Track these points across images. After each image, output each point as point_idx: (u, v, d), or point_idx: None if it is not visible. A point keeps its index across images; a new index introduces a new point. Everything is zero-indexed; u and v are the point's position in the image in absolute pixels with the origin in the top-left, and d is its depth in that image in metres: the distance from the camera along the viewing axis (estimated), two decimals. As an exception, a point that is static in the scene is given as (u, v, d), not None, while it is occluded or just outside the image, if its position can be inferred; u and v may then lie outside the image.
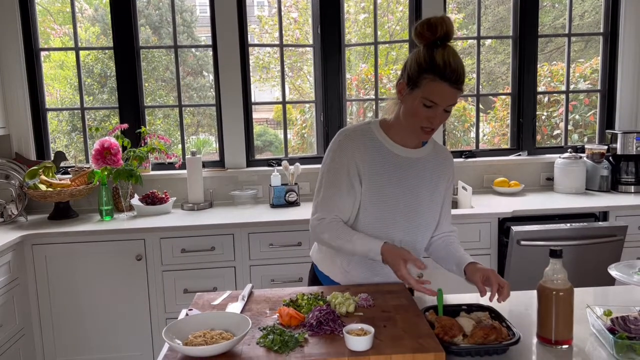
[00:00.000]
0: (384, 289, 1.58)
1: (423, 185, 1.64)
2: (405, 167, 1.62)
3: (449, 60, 1.45)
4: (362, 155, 1.59)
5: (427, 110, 1.50)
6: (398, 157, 1.62)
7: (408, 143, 1.63)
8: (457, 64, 1.46)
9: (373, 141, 1.62)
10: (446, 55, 1.46)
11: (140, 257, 2.73)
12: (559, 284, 1.27)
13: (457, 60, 1.47)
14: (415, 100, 1.50)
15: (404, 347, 1.18)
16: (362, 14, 5.32)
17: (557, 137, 4.78)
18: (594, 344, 1.30)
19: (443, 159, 1.70)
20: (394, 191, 1.60)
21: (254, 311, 1.44)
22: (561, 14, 5.50)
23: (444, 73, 1.45)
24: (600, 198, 3.10)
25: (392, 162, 1.61)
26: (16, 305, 2.58)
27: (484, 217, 2.83)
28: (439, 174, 1.68)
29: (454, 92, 1.48)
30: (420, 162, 1.64)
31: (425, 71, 1.47)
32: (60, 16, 5.87)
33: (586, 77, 4.63)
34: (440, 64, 1.45)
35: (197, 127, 6.38)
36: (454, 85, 1.46)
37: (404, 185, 1.61)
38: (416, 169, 1.63)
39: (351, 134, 1.62)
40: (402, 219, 1.62)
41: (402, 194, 1.61)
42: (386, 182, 1.60)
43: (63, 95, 5.88)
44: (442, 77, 1.45)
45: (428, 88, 1.48)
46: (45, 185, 2.98)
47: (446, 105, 1.49)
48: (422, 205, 1.64)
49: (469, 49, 5.34)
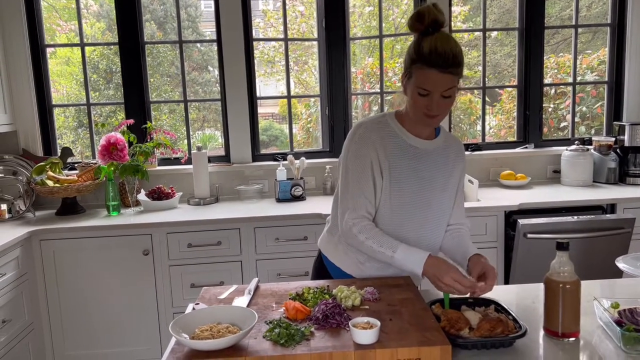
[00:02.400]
0: (390, 282, 1.58)
1: (438, 176, 1.63)
2: (422, 158, 1.61)
3: (435, 46, 1.44)
4: (382, 147, 1.57)
5: (424, 99, 1.49)
6: (416, 149, 1.61)
7: (422, 134, 1.62)
8: (445, 48, 1.44)
9: (391, 133, 1.60)
10: (433, 42, 1.45)
11: (147, 252, 2.74)
12: (566, 276, 1.27)
13: (446, 45, 1.45)
14: (412, 91, 1.51)
15: (410, 340, 1.18)
16: (367, 7, 5.29)
17: (564, 129, 4.75)
18: (601, 336, 1.30)
19: (456, 150, 1.69)
20: (412, 184, 1.59)
21: (260, 305, 1.44)
22: (568, 4, 5.45)
23: (430, 59, 1.44)
24: (607, 190, 3.08)
25: (410, 154, 1.60)
26: (25, 301, 2.61)
27: (490, 210, 2.82)
28: (453, 165, 1.67)
29: (445, 77, 1.45)
30: (435, 153, 1.63)
31: (415, 61, 1.48)
32: (66, 12, 5.88)
33: (593, 69, 4.59)
34: (426, 51, 1.45)
35: (203, 122, 6.39)
36: (443, 70, 1.44)
37: (421, 177, 1.60)
38: (431, 160, 1.62)
39: (370, 126, 1.60)
40: (418, 212, 1.61)
41: (419, 187, 1.60)
42: (405, 175, 1.59)
43: (69, 92, 5.89)
44: (429, 63, 1.45)
45: (419, 77, 1.48)
46: (53, 181, 3.00)
47: (440, 91, 1.47)
48: (436, 197, 1.63)
49: (475, 41, 5.31)
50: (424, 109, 1.51)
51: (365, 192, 1.57)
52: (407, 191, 1.59)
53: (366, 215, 1.58)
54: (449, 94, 1.49)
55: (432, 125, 1.60)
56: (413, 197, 1.60)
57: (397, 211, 1.60)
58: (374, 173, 1.57)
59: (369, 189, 1.57)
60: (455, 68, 1.46)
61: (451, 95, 1.50)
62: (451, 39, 1.47)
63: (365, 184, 1.57)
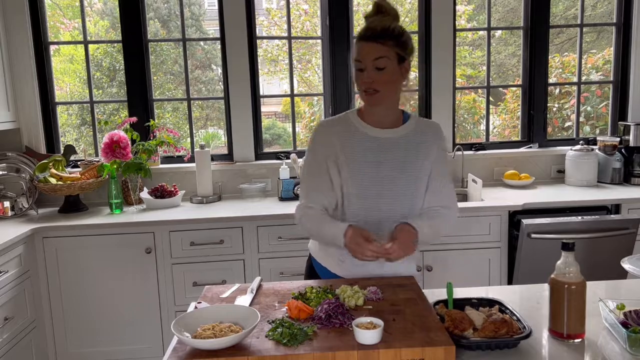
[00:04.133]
0: (393, 282, 1.57)
1: (408, 163, 1.63)
2: (386, 148, 1.62)
3: (367, 23, 1.57)
4: (340, 143, 1.63)
5: (361, 74, 1.57)
6: (377, 139, 1.63)
7: (384, 123, 1.65)
8: (375, 22, 1.55)
9: (350, 128, 1.65)
10: (368, 22, 1.57)
11: (150, 250, 2.74)
12: (571, 277, 1.26)
13: (378, 21, 1.55)
14: (354, 70, 1.61)
15: (414, 340, 1.17)
16: (371, 5, 5.28)
17: (569, 129, 4.74)
18: (606, 337, 1.29)
19: (432, 134, 1.68)
20: (374, 174, 1.61)
21: (263, 304, 1.43)
22: (573, 4, 5.43)
23: (360, 34, 1.57)
24: (612, 191, 3.06)
25: (371, 145, 1.62)
26: (27, 298, 2.61)
27: (494, 210, 2.81)
28: (427, 150, 1.66)
29: (372, 46, 1.54)
30: (403, 140, 1.64)
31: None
32: (70, 10, 5.88)
33: (598, 69, 4.57)
34: (361, 30, 1.58)
35: (206, 121, 6.39)
36: (370, 40, 1.54)
37: (385, 166, 1.61)
38: (398, 148, 1.63)
39: (326, 123, 1.69)
40: (386, 202, 1.62)
41: (382, 176, 1.61)
42: (365, 166, 1.61)
43: (72, 89, 5.90)
44: (360, 37, 1.57)
45: (354, 51, 1.59)
46: (55, 179, 3.00)
47: (369, 60, 1.54)
48: (405, 184, 1.63)
49: (479, 40, 5.30)
50: (362, 85, 1.58)
51: (318, 186, 1.64)
52: (369, 182, 1.61)
53: (313, 207, 1.63)
54: (381, 65, 1.54)
55: (374, 102, 1.61)
56: (378, 186, 1.61)
57: (363, 201, 1.61)
58: (329, 168, 1.63)
59: (323, 184, 1.64)
60: (384, 39, 1.53)
61: (385, 66, 1.54)
62: (388, 19, 1.56)
63: (319, 179, 1.64)
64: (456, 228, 2.76)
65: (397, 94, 1.64)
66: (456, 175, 3.39)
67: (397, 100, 1.66)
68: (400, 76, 1.60)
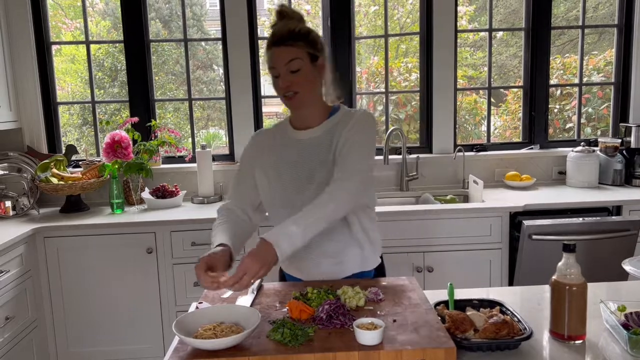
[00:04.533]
0: (394, 283, 1.57)
1: (322, 157, 1.60)
2: (308, 148, 1.62)
3: (272, 30, 1.56)
4: (268, 150, 1.67)
5: (277, 80, 1.56)
6: (301, 141, 1.63)
7: (310, 123, 1.64)
8: (280, 27, 1.54)
9: (280, 135, 1.69)
10: (275, 28, 1.56)
11: (151, 250, 2.74)
12: (573, 278, 1.26)
13: (283, 24, 1.55)
14: (270, 78, 1.60)
15: (415, 341, 1.17)
16: (373, 6, 5.28)
17: (570, 130, 4.74)
18: (607, 339, 1.29)
19: (344, 120, 1.61)
20: (295, 175, 1.61)
21: (264, 304, 1.44)
22: (574, 5, 5.43)
23: (269, 41, 1.56)
24: (613, 192, 3.06)
25: (295, 148, 1.63)
26: (29, 297, 2.61)
27: (495, 211, 2.81)
28: (339, 134, 1.59)
29: (282, 50, 1.53)
30: (323, 136, 1.62)
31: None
32: (71, 10, 5.89)
33: (600, 70, 4.57)
34: (269, 37, 1.57)
35: (207, 121, 6.39)
36: (279, 44, 1.53)
37: (306, 167, 1.60)
38: (318, 145, 1.61)
39: (258, 134, 1.76)
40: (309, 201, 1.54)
41: (304, 177, 1.60)
42: (288, 169, 1.62)
43: (74, 89, 5.91)
44: (269, 44, 1.56)
45: (266, 60, 1.58)
46: (57, 179, 3.00)
47: (282, 64, 1.53)
48: (325, 178, 1.57)
49: (480, 41, 5.30)
50: (281, 91, 1.57)
51: (240, 191, 1.70)
52: (291, 184, 1.61)
53: (232, 209, 1.68)
54: (295, 67, 1.53)
55: (296, 105, 1.59)
56: (297, 186, 1.60)
57: (286, 202, 1.62)
58: (254, 174, 1.68)
59: (244, 189, 1.70)
60: (293, 41, 1.53)
61: (299, 68, 1.53)
62: (292, 22, 1.55)
63: (242, 185, 1.70)
64: (457, 229, 2.78)
65: (317, 93, 1.62)
66: (457, 177, 3.39)
67: (320, 99, 1.64)
68: (317, 74, 1.58)
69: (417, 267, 2.80)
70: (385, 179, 3.40)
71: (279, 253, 1.36)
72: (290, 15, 1.58)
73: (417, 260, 2.79)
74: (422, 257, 2.79)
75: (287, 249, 1.37)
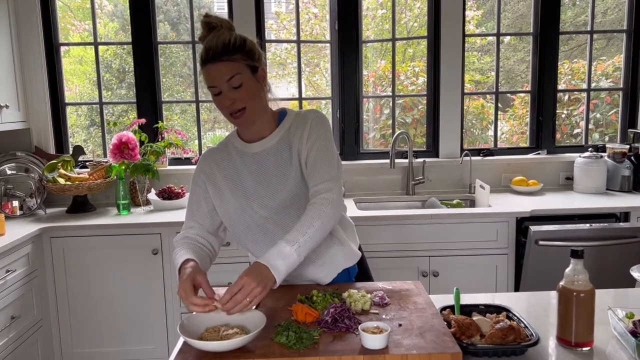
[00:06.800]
0: (400, 287, 1.56)
1: (285, 166, 1.55)
2: (264, 159, 1.56)
3: (204, 45, 1.44)
4: (218, 169, 1.60)
5: (219, 98, 1.47)
6: (256, 154, 1.57)
7: (261, 133, 1.57)
8: (212, 41, 1.43)
9: (230, 151, 1.62)
10: (204, 43, 1.45)
11: (157, 252, 2.74)
12: (580, 285, 1.25)
13: (213, 38, 1.43)
14: (212, 97, 1.50)
15: (420, 346, 1.17)
16: (380, 10, 5.29)
17: (577, 136, 4.71)
18: (615, 346, 1.27)
19: (297, 124, 1.57)
20: (258, 188, 1.56)
21: (269, 307, 1.43)
22: (583, 10, 5.41)
23: (203, 58, 1.44)
24: (621, 198, 3.04)
25: (250, 162, 1.57)
26: (34, 297, 2.62)
27: (501, 216, 2.79)
28: (299, 141, 1.54)
29: (219, 67, 1.43)
30: (276, 146, 1.56)
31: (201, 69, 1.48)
32: (80, 12, 5.92)
33: (608, 75, 4.54)
34: (202, 53, 1.44)
35: (214, 123, 6.40)
36: (216, 61, 1.43)
37: (265, 179, 1.56)
38: (275, 154, 1.56)
39: (207, 153, 1.65)
40: (277, 212, 1.55)
41: (266, 187, 1.55)
42: (248, 184, 1.57)
43: (82, 90, 5.94)
44: (204, 61, 1.45)
45: (204, 79, 1.47)
46: (64, 179, 3.01)
47: (223, 82, 1.44)
48: (290, 187, 1.54)
49: (488, 46, 5.29)
50: (226, 109, 1.48)
51: (194, 213, 1.61)
52: (256, 196, 1.56)
53: (191, 236, 1.58)
54: (237, 83, 1.44)
55: (245, 123, 1.52)
56: (265, 199, 1.55)
57: (248, 219, 1.57)
58: (207, 194, 1.60)
59: (203, 214, 1.60)
60: (229, 55, 1.43)
61: (241, 82, 1.45)
62: (223, 33, 1.44)
63: (196, 206, 1.61)
64: (463, 234, 2.77)
65: (263, 103, 1.55)
66: (464, 181, 3.38)
67: (266, 108, 1.58)
68: (260, 86, 1.51)
69: (423, 271, 2.79)
70: (392, 182, 3.39)
71: (275, 274, 1.31)
72: (219, 25, 1.47)
73: (422, 265, 2.78)
74: (427, 261, 2.78)
75: (283, 270, 1.33)
